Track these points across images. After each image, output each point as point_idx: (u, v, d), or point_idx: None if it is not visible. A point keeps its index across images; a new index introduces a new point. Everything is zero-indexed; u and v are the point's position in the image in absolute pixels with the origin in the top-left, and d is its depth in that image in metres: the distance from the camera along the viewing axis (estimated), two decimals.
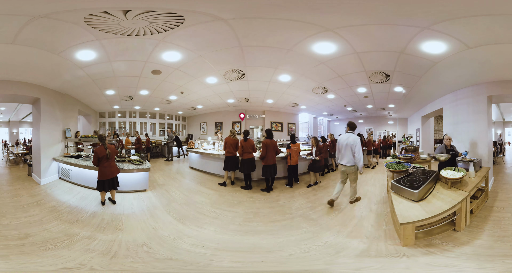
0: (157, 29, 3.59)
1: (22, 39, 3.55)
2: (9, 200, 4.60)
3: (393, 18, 3.14)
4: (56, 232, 3.28)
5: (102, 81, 6.21)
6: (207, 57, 4.94)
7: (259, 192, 5.38)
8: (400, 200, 3.38)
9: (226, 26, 3.55)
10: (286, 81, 6.66)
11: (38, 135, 6.02)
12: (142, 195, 4.98)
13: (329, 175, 7.31)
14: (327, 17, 3.22)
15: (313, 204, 4.60)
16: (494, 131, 13.09)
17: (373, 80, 6.07)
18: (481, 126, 5.41)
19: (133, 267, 2.54)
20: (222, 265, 2.62)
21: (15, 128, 15.97)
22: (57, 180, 6.17)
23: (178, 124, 14.45)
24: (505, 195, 4.80)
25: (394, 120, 15.04)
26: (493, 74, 4.78)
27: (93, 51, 4.32)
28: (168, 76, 6.10)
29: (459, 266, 2.48)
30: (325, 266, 2.56)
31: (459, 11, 2.81)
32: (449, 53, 3.98)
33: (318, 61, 4.98)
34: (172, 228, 3.51)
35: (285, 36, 3.92)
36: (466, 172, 3.75)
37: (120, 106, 10.37)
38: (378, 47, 4.19)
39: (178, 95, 8.44)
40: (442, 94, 7.00)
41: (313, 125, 15.44)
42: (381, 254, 2.75)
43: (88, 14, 3.06)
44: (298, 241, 3.13)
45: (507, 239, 3.01)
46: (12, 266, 2.51)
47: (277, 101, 9.57)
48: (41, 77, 5.45)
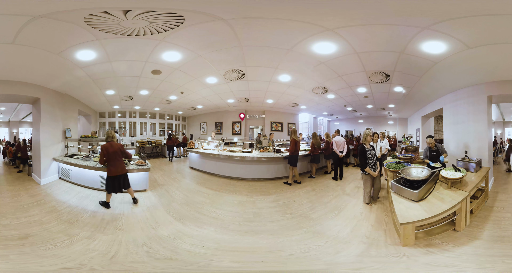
0: (157, 29, 3.60)
1: (22, 39, 3.55)
2: (9, 200, 4.60)
3: (393, 18, 3.15)
4: (56, 232, 3.28)
5: (102, 81, 6.21)
6: (207, 57, 4.94)
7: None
8: (400, 200, 3.38)
9: (226, 26, 3.55)
10: (286, 81, 6.66)
11: (38, 135, 6.02)
12: (142, 195, 4.97)
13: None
14: (327, 17, 3.22)
15: (313, 204, 4.60)
16: (494, 131, 13.10)
17: (373, 80, 6.07)
18: (481, 126, 5.41)
19: (133, 267, 2.54)
20: (222, 265, 2.62)
21: (15, 128, 15.97)
22: (57, 180, 6.17)
23: (178, 124, 14.45)
24: (505, 195, 4.80)
25: (394, 120, 15.04)
26: (493, 74, 4.78)
27: (93, 51, 4.32)
28: (168, 76, 6.10)
29: (459, 266, 2.48)
30: (325, 266, 2.56)
31: (459, 11, 2.81)
32: (449, 53, 3.98)
33: (318, 61, 4.98)
34: (172, 228, 3.51)
35: (285, 36, 3.92)
36: (466, 172, 3.76)
37: (120, 106, 10.37)
38: (378, 47, 4.19)
39: (178, 95, 8.44)
40: (442, 94, 7.00)
41: (313, 125, 15.44)
42: (381, 254, 2.75)
43: (88, 14, 3.06)
44: (298, 241, 3.13)
45: (507, 239, 3.01)
46: (12, 266, 2.51)
47: (277, 101, 9.57)
48: (41, 77, 5.45)
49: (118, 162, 4.37)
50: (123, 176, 4.41)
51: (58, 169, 6.32)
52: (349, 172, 7.55)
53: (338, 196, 5.07)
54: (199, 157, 7.91)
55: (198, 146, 8.80)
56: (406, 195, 3.40)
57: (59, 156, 6.47)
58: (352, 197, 4.93)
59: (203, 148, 8.41)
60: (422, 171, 3.80)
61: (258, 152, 7.32)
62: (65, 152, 6.85)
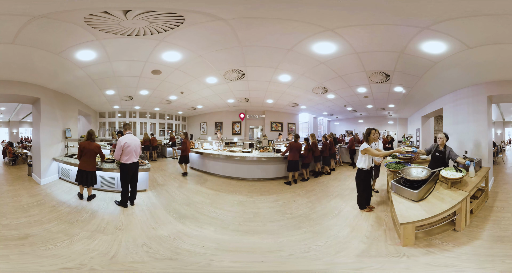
0: (157, 29, 3.59)
1: (22, 39, 3.55)
2: (9, 200, 4.60)
3: (393, 18, 3.15)
4: (56, 232, 3.28)
5: (102, 81, 6.20)
6: (207, 57, 4.93)
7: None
8: (400, 200, 3.38)
9: (226, 26, 3.55)
10: (286, 81, 6.65)
11: (38, 135, 6.01)
12: (142, 195, 4.97)
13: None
14: (327, 17, 3.22)
15: (313, 204, 4.60)
16: (494, 131, 13.10)
17: (373, 80, 6.07)
18: (481, 126, 5.40)
19: (133, 267, 2.54)
20: (222, 265, 2.62)
21: (15, 128, 15.97)
22: (57, 180, 6.17)
23: (178, 124, 14.44)
24: (505, 195, 4.80)
25: (394, 120, 15.04)
26: (493, 74, 4.78)
27: (93, 51, 4.32)
28: (168, 76, 6.10)
29: (459, 266, 2.48)
30: (325, 266, 2.56)
31: (459, 11, 2.81)
32: (449, 53, 3.98)
33: (318, 61, 4.98)
34: (172, 228, 3.51)
35: (285, 36, 3.92)
36: (466, 172, 3.75)
37: (120, 106, 10.36)
38: (378, 47, 4.19)
39: (178, 95, 8.43)
40: (442, 94, 6.99)
41: (313, 125, 15.43)
42: (381, 254, 2.75)
43: (88, 14, 3.06)
44: (298, 241, 3.13)
45: (507, 239, 3.01)
46: (12, 266, 2.51)
47: (277, 101, 9.57)
48: (41, 77, 5.44)
49: (90, 159, 4.70)
50: (91, 173, 4.70)
51: (58, 169, 6.32)
52: (351, 172, 7.55)
53: (338, 196, 5.07)
54: (199, 157, 7.91)
55: (198, 146, 8.81)
56: (406, 195, 3.40)
57: (59, 156, 6.47)
58: (352, 198, 4.92)
59: (203, 148, 8.41)
60: (422, 171, 3.80)
61: (258, 152, 7.32)
62: (65, 152, 6.84)
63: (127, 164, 4.35)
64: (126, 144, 4.33)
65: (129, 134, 4.50)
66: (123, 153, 4.33)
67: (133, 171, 4.48)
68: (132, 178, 4.47)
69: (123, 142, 4.32)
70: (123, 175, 4.40)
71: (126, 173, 4.38)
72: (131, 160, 4.38)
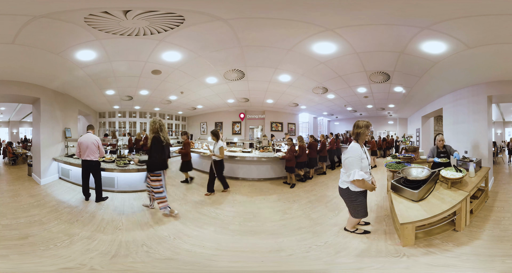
0: (157, 29, 3.59)
1: (22, 39, 3.55)
2: (9, 200, 4.60)
3: (393, 18, 3.15)
4: (56, 232, 3.28)
5: (102, 81, 6.20)
6: (207, 57, 4.93)
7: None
8: (400, 200, 3.37)
9: (226, 26, 3.55)
10: (286, 81, 6.65)
11: (38, 135, 6.01)
12: (142, 195, 4.97)
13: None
14: (327, 17, 3.22)
15: (313, 204, 4.60)
16: (494, 131, 13.10)
17: (373, 80, 6.07)
18: (481, 126, 5.40)
19: (133, 267, 2.54)
20: (222, 265, 2.62)
21: (15, 128, 15.96)
22: (57, 180, 6.17)
23: (178, 124, 14.44)
24: (505, 195, 4.80)
25: (394, 120, 15.04)
26: (493, 74, 4.78)
27: (93, 51, 4.31)
28: (168, 76, 6.10)
29: (459, 266, 2.48)
30: (325, 266, 2.56)
31: (459, 11, 2.81)
32: (449, 53, 3.98)
33: (318, 61, 4.98)
34: (172, 228, 3.51)
35: (285, 36, 3.92)
36: (466, 172, 3.75)
37: (120, 106, 10.36)
38: (378, 47, 4.19)
39: (178, 95, 8.43)
40: (442, 94, 7.00)
41: (313, 125, 15.42)
42: (381, 254, 2.75)
43: (88, 14, 3.06)
44: (298, 241, 3.13)
45: (507, 239, 3.01)
46: (12, 266, 2.51)
47: (277, 101, 9.57)
48: (41, 77, 5.44)
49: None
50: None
51: (58, 169, 6.32)
52: None
53: (338, 196, 5.06)
54: (198, 157, 7.90)
55: (198, 146, 8.80)
56: (406, 195, 3.40)
57: (59, 156, 6.47)
58: None
59: (203, 148, 8.39)
60: (422, 171, 3.79)
61: (258, 152, 7.32)
62: (65, 152, 6.85)
63: (83, 160, 4.72)
64: (79, 141, 4.75)
65: (87, 134, 4.85)
66: (80, 150, 4.72)
67: (91, 169, 4.74)
68: (94, 176, 4.74)
69: (79, 140, 4.79)
70: (82, 170, 4.77)
71: (83, 169, 4.75)
72: (85, 157, 4.68)
